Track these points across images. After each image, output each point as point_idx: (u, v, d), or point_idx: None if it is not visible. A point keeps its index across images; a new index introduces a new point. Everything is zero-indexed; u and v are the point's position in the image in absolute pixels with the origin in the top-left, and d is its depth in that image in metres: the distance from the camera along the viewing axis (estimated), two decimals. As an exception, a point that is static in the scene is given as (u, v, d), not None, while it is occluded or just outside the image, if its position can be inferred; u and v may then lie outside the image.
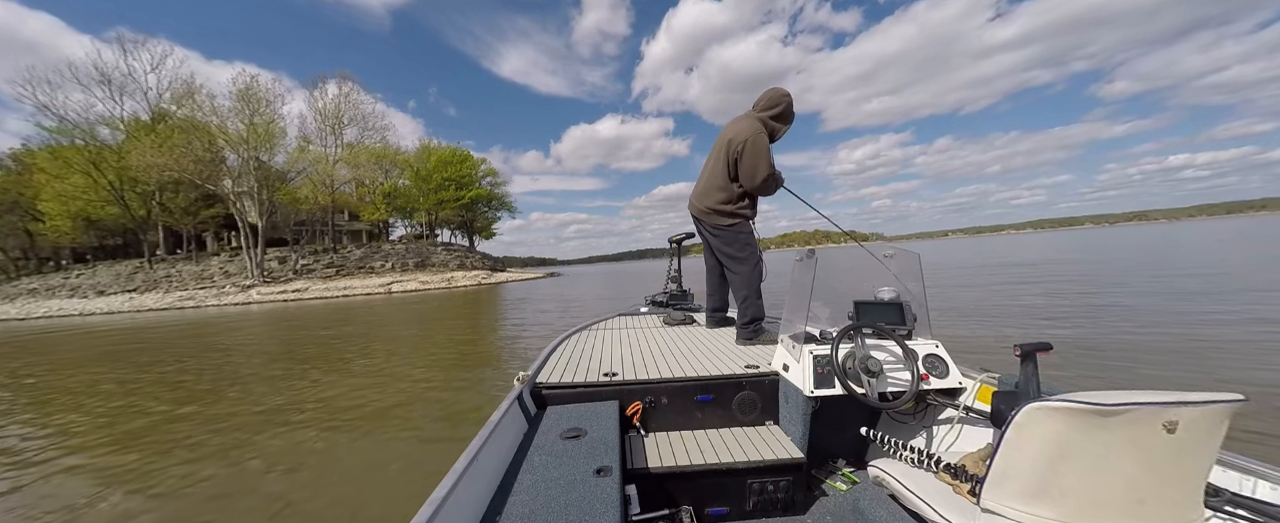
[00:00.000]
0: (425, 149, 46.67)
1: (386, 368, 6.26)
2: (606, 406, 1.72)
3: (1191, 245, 22.29)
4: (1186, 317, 5.81)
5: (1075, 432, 0.88)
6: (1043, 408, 0.91)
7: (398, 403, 4.53)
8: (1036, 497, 0.93)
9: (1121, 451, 0.86)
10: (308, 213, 38.30)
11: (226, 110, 31.24)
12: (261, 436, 3.80)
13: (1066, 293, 8.97)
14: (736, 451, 1.66)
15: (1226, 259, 13.27)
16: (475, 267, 42.19)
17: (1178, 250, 19.10)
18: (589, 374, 1.97)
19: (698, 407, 1.88)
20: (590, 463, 1.26)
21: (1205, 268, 11.45)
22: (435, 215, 46.00)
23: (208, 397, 5.25)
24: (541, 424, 1.57)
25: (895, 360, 1.64)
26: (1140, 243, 29.66)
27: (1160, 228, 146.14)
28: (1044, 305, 7.71)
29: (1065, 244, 40.06)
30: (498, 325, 10.36)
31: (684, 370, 1.97)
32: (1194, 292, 7.87)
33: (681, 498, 1.58)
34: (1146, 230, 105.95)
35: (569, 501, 1.09)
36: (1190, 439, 0.84)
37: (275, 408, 4.59)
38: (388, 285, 31.40)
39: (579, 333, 2.96)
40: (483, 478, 1.17)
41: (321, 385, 5.43)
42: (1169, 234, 47.19)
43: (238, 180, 32.39)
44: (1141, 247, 24.10)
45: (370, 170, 39.57)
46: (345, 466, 3.11)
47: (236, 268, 33.52)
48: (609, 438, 1.42)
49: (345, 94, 40.25)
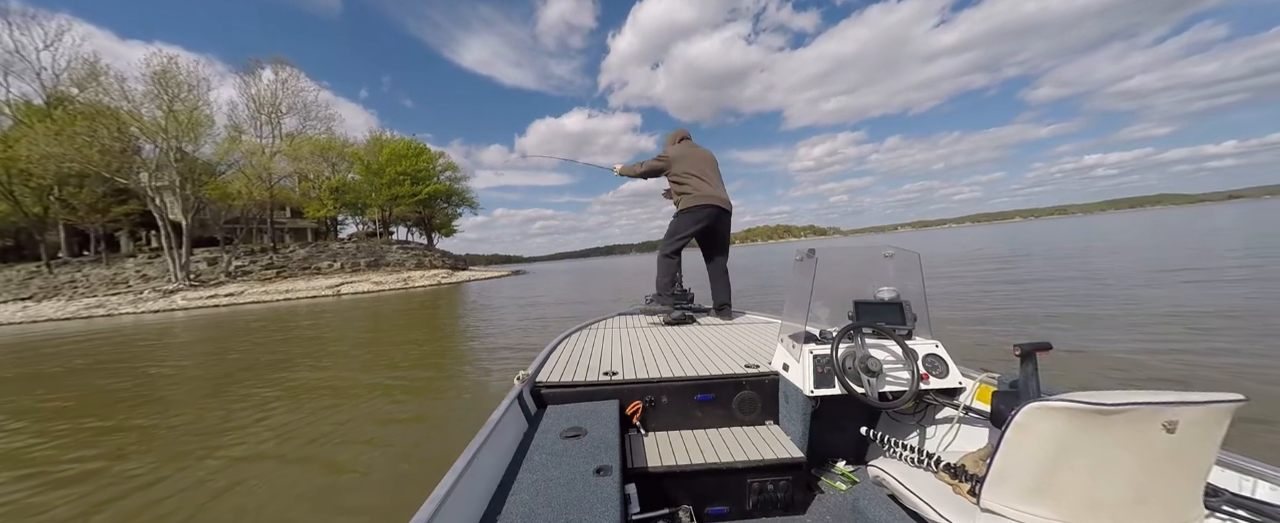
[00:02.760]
0: (377, 141, 43.66)
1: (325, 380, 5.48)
2: (606, 405, 1.70)
3: (1103, 238, 24.66)
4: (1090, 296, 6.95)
5: (1075, 432, 0.88)
6: (1043, 408, 0.90)
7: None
8: (1036, 497, 0.93)
9: (1121, 450, 0.86)
10: (242, 209, 34.82)
11: (140, 95, 27.80)
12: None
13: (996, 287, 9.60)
14: (736, 450, 1.66)
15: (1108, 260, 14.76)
16: (434, 266, 40.13)
17: (1088, 245, 21.13)
18: (589, 373, 1.93)
19: (698, 406, 1.87)
20: (590, 462, 1.25)
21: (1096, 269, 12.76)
22: (389, 212, 43.23)
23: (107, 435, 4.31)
24: (541, 423, 1.54)
25: (895, 360, 1.64)
26: (1063, 236, 33.01)
27: (1077, 220, 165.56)
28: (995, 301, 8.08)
29: (998, 236, 44.20)
30: (453, 331, 9.59)
31: (684, 370, 1.95)
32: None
33: (681, 497, 1.58)
34: (1067, 222, 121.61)
35: (569, 500, 1.08)
36: (1190, 439, 0.84)
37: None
38: (337, 287, 29.18)
39: (579, 332, 2.90)
40: (483, 477, 1.16)
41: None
42: (1083, 226, 53.61)
43: (156, 174, 28.94)
44: (1065, 239, 26.50)
45: (314, 163, 36.58)
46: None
47: (157, 271, 30.08)
48: (609, 437, 1.41)
49: (283, 81, 37.01)
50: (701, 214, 3.24)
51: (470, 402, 4.34)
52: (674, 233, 3.32)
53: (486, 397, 4.39)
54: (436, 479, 0.99)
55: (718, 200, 3.27)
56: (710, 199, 3.25)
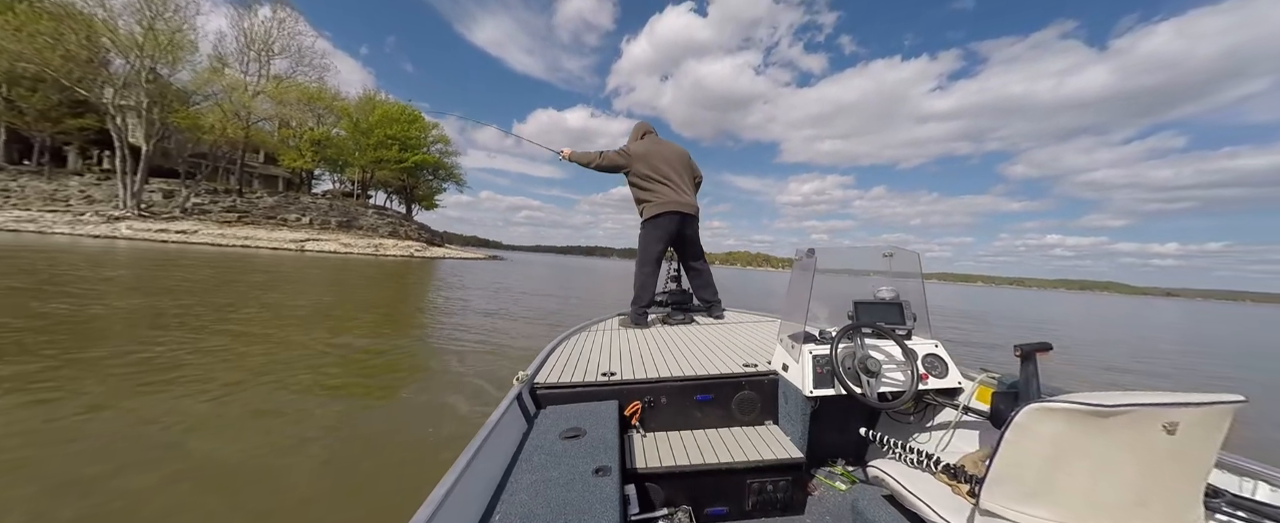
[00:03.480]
0: (369, 100, 41.96)
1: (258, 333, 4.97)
2: (605, 405, 1.69)
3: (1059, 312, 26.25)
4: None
5: (1075, 433, 0.87)
6: (1043, 409, 0.89)
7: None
8: (1035, 498, 0.92)
9: (1121, 452, 0.85)
10: (211, 145, 32.69)
11: (120, 5, 25.87)
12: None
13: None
14: (735, 450, 1.65)
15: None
16: (410, 237, 38.75)
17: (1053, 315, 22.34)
18: (588, 374, 1.91)
19: (697, 406, 1.86)
20: (589, 463, 1.24)
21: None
22: (371, 174, 41.54)
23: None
24: (540, 424, 1.53)
25: (894, 360, 1.63)
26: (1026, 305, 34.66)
27: (1034, 293, 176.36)
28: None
29: (957, 294, 46.42)
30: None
31: (683, 370, 1.94)
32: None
33: (680, 498, 1.56)
34: (1024, 294, 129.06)
35: (568, 500, 1.08)
36: (1190, 441, 0.84)
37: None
38: (301, 242, 27.70)
39: (578, 333, 2.85)
40: (481, 478, 1.14)
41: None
42: (1040, 300, 56.44)
43: (123, 91, 26.90)
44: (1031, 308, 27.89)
45: (298, 111, 34.84)
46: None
47: (104, 194, 27.85)
48: (608, 438, 1.40)
49: (279, 20, 35.26)
50: (666, 224, 3.03)
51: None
52: (645, 248, 3.08)
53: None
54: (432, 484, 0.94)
55: (681, 206, 3.04)
56: (672, 205, 3.02)
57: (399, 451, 2.66)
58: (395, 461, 2.53)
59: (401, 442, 2.78)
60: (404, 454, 2.62)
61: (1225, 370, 8.06)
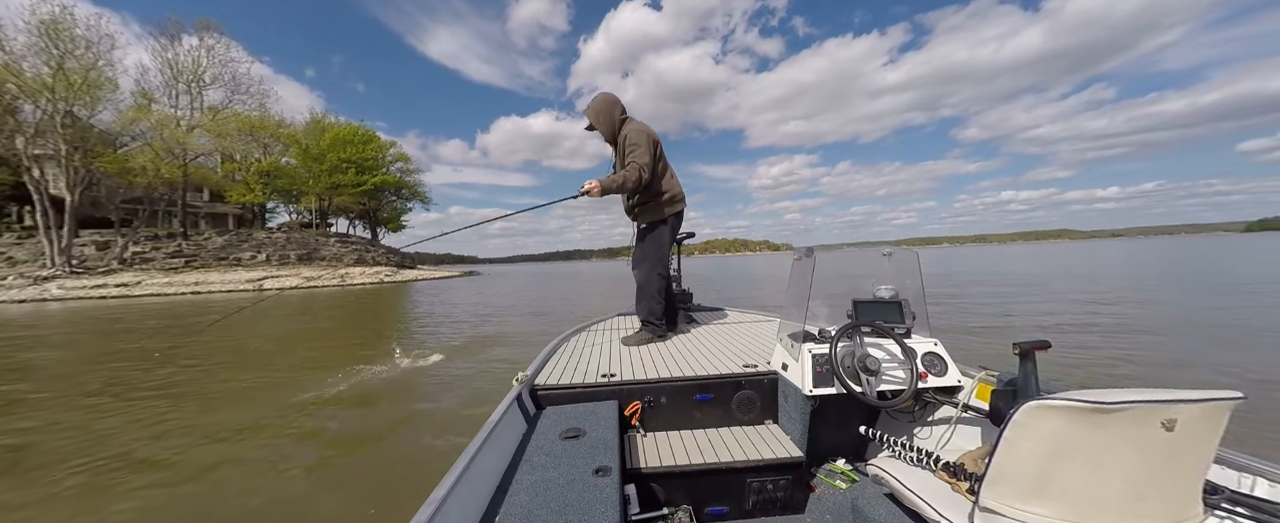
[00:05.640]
0: (318, 124, 39.85)
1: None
2: (605, 405, 1.69)
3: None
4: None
5: (1074, 430, 0.87)
6: (1042, 406, 0.89)
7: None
8: (1035, 495, 0.92)
9: (1120, 449, 0.86)
10: (146, 188, 30.30)
11: (23, 46, 23.56)
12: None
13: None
14: (735, 450, 1.65)
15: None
16: (377, 262, 37.12)
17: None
18: (587, 375, 1.93)
19: (696, 406, 1.87)
20: (589, 463, 1.24)
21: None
22: (329, 202, 39.53)
23: None
24: (540, 425, 1.53)
25: (893, 359, 1.62)
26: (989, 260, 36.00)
27: (995, 248, 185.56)
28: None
29: (935, 258, 48.02)
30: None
31: (682, 370, 1.95)
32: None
33: (680, 498, 1.57)
34: (986, 249, 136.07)
35: (568, 500, 1.08)
36: (1189, 437, 0.84)
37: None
38: (259, 281, 26.02)
39: (577, 334, 2.87)
40: (482, 478, 1.15)
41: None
42: (1002, 254, 58.88)
43: (36, 140, 24.57)
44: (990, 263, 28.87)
45: (241, 142, 32.75)
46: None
47: (28, 253, 25.50)
48: (608, 438, 1.40)
49: (208, 48, 33.04)
50: (680, 217, 2.70)
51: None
52: (660, 248, 2.65)
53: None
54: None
55: (683, 203, 2.72)
56: (682, 195, 2.71)
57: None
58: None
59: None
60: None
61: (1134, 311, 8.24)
